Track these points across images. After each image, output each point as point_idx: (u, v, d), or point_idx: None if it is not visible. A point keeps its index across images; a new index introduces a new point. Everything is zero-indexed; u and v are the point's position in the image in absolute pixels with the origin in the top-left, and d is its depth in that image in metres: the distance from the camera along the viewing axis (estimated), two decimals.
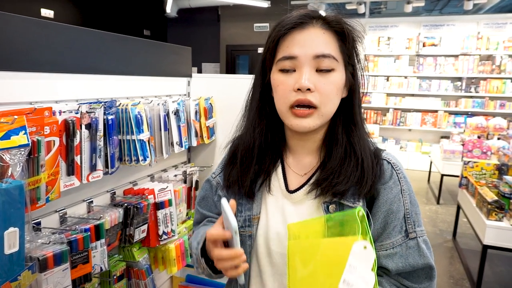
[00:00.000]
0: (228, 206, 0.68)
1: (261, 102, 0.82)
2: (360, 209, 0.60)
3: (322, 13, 0.78)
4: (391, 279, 0.75)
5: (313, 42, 0.71)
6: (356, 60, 0.78)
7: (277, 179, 0.84)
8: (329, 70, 0.72)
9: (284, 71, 0.74)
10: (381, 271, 0.76)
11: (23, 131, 0.88)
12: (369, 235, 0.58)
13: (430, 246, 0.75)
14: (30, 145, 0.90)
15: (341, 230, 0.63)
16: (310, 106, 0.72)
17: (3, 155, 0.83)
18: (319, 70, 0.72)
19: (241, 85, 1.91)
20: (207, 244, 0.75)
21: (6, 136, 0.84)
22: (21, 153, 0.86)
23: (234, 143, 0.90)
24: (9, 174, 0.84)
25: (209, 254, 0.76)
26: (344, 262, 0.58)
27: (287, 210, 0.80)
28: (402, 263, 0.72)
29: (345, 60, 0.75)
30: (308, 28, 0.73)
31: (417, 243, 0.73)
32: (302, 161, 0.83)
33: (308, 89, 0.71)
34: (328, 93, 0.72)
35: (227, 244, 0.73)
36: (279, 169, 0.84)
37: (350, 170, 0.74)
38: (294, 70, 0.73)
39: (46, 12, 5.63)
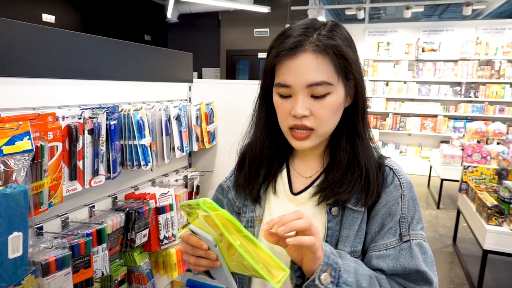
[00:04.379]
0: (196, 228, 0.68)
1: (268, 115, 0.85)
2: (204, 199, 0.63)
3: (322, 18, 0.78)
4: (390, 280, 0.75)
5: (305, 70, 0.71)
6: (355, 75, 0.77)
7: (281, 182, 0.86)
8: (324, 95, 0.73)
9: (281, 96, 0.76)
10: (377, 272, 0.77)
11: (27, 137, 0.89)
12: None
13: (427, 251, 0.75)
14: (34, 150, 0.91)
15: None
16: (307, 128, 0.74)
17: (8, 161, 0.84)
18: (313, 96, 0.73)
19: (242, 90, 1.94)
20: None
21: (11, 142, 0.85)
22: (25, 158, 0.87)
23: (243, 150, 0.93)
24: (13, 179, 0.85)
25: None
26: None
27: (289, 210, 0.81)
28: (393, 263, 0.74)
29: (343, 78, 0.74)
30: (300, 55, 0.71)
31: (410, 245, 0.74)
32: (307, 165, 0.86)
33: (304, 115, 0.73)
34: (323, 116, 0.74)
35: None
36: (284, 172, 0.87)
37: (353, 180, 0.76)
38: (291, 95, 0.75)
39: (47, 17, 5.66)
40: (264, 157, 0.85)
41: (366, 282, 0.70)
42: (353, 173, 0.77)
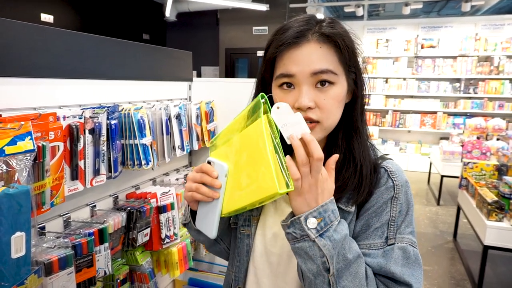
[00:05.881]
0: (213, 158, 0.75)
1: None
2: (262, 94, 0.67)
3: (320, 16, 0.77)
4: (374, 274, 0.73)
5: (309, 58, 0.70)
6: (357, 67, 0.76)
7: None
8: (328, 85, 0.71)
9: (283, 88, 0.74)
10: None
11: (29, 137, 0.89)
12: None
13: (411, 256, 0.72)
14: (36, 150, 0.91)
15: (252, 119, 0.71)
16: (312, 121, 0.72)
17: (10, 161, 0.84)
18: (318, 86, 0.71)
19: (242, 88, 1.94)
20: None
21: (13, 142, 0.85)
22: (27, 158, 0.88)
23: None
24: (15, 179, 0.85)
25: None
26: (262, 139, 0.64)
27: (286, 212, 0.81)
28: (370, 260, 0.71)
29: (345, 70, 0.74)
30: (304, 45, 0.70)
31: (393, 248, 0.72)
32: None
33: (309, 107, 0.70)
34: (329, 108, 0.72)
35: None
36: None
37: (347, 176, 0.75)
38: (293, 87, 0.72)
39: (46, 17, 5.66)
40: None
41: (352, 256, 0.67)
42: (347, 169, 0.75)
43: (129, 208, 1.39)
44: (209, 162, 0.75)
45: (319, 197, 0.65)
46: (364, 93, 0.80)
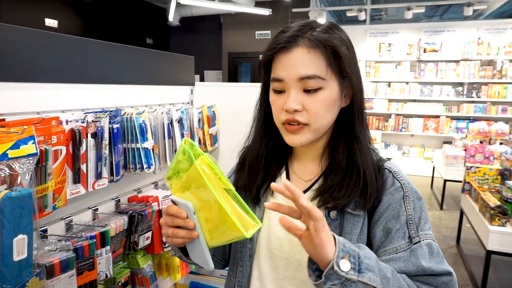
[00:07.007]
0: (176, 197, 0.71)
1: (266, 115, 0.85)
2: (186, 139, 0.68)
3: (322, 20, 0.78)
4: (406, 277, 0.73)
5: (297, 64, 0.72)
6: (351, 72, 0.76)
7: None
8: (316, 90, 0.73)
9: (276, 91, 0.77)
10: None
11: (32, 141, 0.90)
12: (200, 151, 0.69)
13: (436, 251, 0.74)
14: (38, 154, 0.92)
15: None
16: (299, 123, 0.74)
17: (13, 164, 0.85)
18: (306, 90, 0.73)
19: (244, 93, 1.95)
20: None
21: (16, 146, 0.86)
22: (29, 162, 0.89)
23: (243, 152, 0.93)
24: (18, 183, 0.86)
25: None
26: (206, 186, 0.64)
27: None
28: (404, 264, 0.72)
29: (336, 74, 0.75)
30: (293, 50, 0.73)
31: (420, 245, 0.73)
32: (306, 167, 0.85)
33: (296, 110, 0.73)
34: (316, 111, 0.74)
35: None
36: (284, 175, 0.86)
37: (352, 184, 0.75)
38: (284, 91, 0.76)
39: (50, 22, 5.71)
40: (262, 157, 0.85)
41: (389, 273, 0.67)
42: (351, 176, 0.76)
43: (130, 212, 1.40)
44: (174, 202, 0.71)
45: (326, 232, 0.64)
46: (363, 97, 0.81)
